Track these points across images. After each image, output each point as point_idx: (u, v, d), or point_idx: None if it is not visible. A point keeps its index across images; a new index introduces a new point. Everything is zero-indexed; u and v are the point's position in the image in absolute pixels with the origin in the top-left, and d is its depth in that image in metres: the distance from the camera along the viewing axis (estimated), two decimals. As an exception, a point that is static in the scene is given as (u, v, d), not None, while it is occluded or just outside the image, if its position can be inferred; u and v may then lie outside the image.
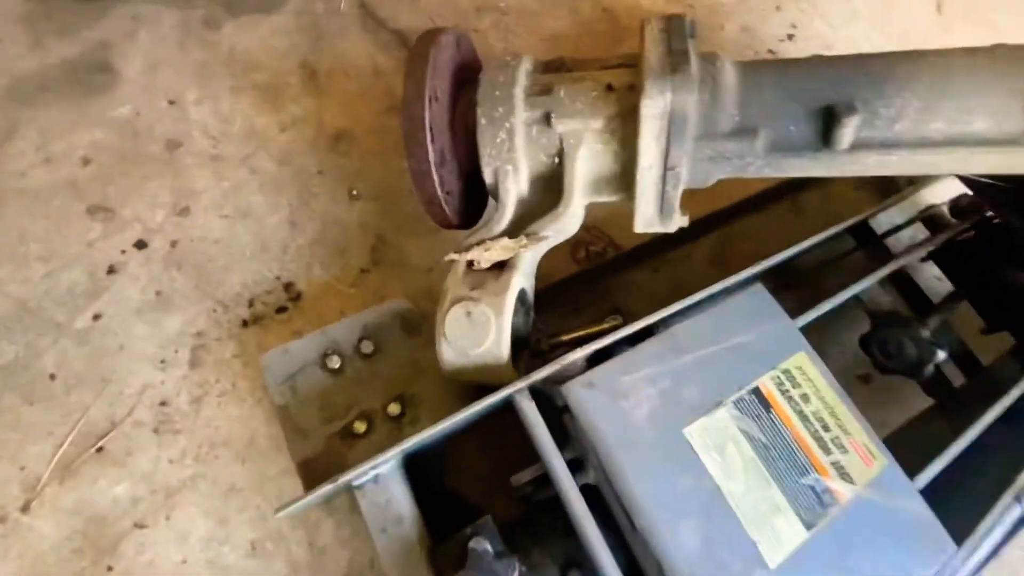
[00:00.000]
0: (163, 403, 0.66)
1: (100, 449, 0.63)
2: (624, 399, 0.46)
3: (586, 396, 0.46)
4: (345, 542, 0.61)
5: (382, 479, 0.47)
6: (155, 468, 0.63)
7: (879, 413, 0.56)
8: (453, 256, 0.52)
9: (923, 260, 0.72)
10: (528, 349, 0.54)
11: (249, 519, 0.62)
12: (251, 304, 0.73)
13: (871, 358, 0.65)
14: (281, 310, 0.73)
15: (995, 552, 0.53)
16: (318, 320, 0.71)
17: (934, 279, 0.76)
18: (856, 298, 0.67)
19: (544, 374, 0.46)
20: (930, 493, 0.50)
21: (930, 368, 0.61)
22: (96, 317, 0.70)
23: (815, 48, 1.16)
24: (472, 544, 0.41)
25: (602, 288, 0.67)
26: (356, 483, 0.47)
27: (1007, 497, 0.53)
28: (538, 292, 0.58)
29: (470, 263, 0.52)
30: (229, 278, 0.74)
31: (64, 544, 0.59)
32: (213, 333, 0.70)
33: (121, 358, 0.68)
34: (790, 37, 1.15)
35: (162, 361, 0.68)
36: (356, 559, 0.60)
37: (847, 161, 0.47)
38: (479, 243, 0.51)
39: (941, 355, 0.60)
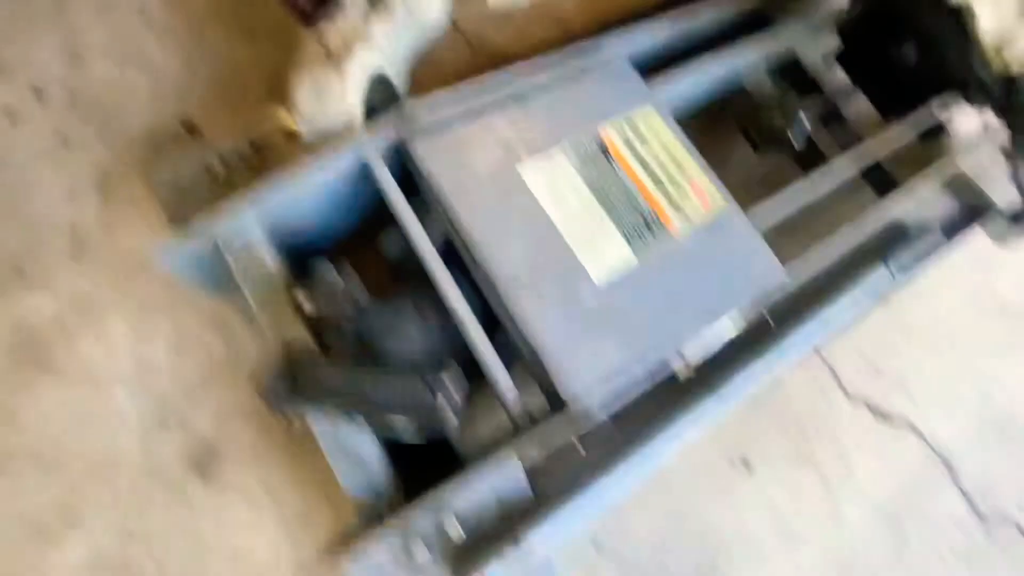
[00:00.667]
0: (77, 232, 0.70)
1: (22, 273, 0.68)
2: (464, 145, 0.49)
3: (425, 146, 0.48)
4: (256, 339, 0.66)
5: (245, 234, 0.49)
6: (75, 288, 0.68)
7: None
8: (312, 42, 0.53)
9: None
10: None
11: (169, 328, 0.67)
12: (153, 143, 0.74)
13: (747, 139, 0.67)
14: (184, 148, 0.74)
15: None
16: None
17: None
18: (743, 89, 0.68)
19: (386, 128, 0.48)
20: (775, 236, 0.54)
21: (799, 138, 0.63)
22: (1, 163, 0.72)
23: None
24: (320, 268, 0.45)
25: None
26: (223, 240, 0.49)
27: (845, 234, 0.57)
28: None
29: (328, 47, 0.52)
30: (130, 121, 0.76)
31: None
32: (119, 171, 0.73)
33: (32, 196, 0.71)
34: None
35: (72, 197, 0.71)
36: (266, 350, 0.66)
37: None
38: (332, 30, 0.52)
39: (805, 122, 0.61)
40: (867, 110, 0.75)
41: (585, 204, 0.49)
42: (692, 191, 0.52)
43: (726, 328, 0.65)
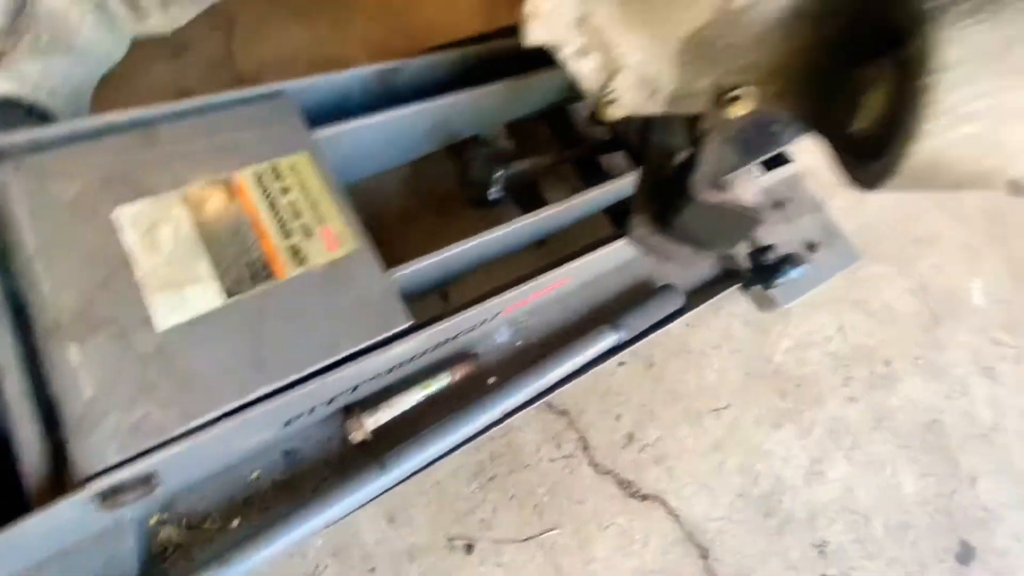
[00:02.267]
0: None
1: None
2: (61, 181, 0.46)
3: (13, 180, 0.45)
4: None
5: None
6: None
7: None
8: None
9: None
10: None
11: None
12: None
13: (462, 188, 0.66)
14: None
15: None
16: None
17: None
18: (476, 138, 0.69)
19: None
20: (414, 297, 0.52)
21: (492, 191, 0.62)
22: None
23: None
24: None
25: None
26: None
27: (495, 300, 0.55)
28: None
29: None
30: None
31: None
32: None
33: None
34: None
35: None
36: None
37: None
38: None
39: (498, 173, 0.60)
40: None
41: (183, 250, 0.45)
42: (322, 237, 0.49)
43: (428, 386, 0.61)
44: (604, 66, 0.42)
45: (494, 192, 0.61)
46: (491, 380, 0.65)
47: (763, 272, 0.68)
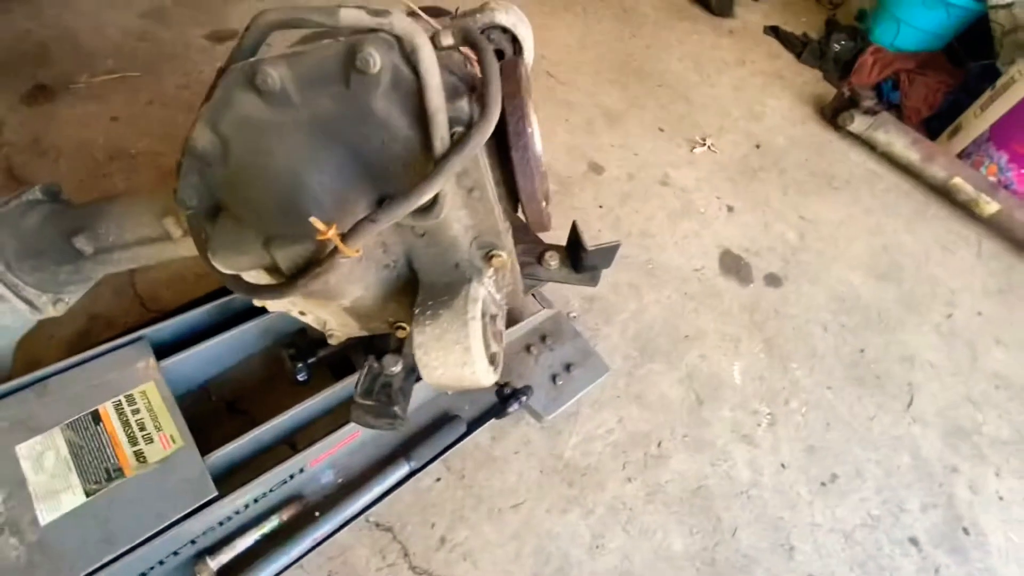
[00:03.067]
0: None
1: None
2: (-21, 433, 0.71)
3: (-54, 435, 0.70)
4: None
5: None
6: None
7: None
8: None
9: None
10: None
11: None
12: None
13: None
14: None
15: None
16: None
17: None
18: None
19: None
20: (227, 466, 0.76)
21: (299, 376, 0.89)
22: None
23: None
24: None
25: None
26: None
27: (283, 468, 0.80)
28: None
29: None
30: None
31: None
32: None
33: None
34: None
35: None
36: None
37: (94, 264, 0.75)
38: None
39: (299, 364, 0.88)
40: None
41: (60, 466, 0.70)
42: (160, 440, 0.74)
43: (263, 527, 0.83)
44: (317, 320, 0.71)
45: (300, 376, 0.88)
46: (317, 514, 0.88)
47: (504, 403, 0.95)
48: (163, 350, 0.84)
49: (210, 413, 0.94)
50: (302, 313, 0.71)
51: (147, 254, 0.73)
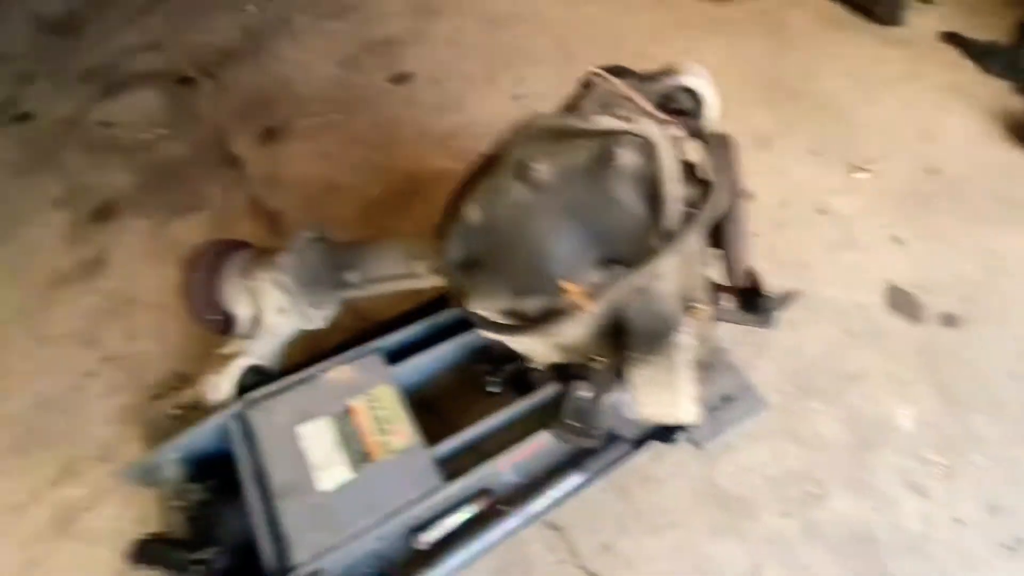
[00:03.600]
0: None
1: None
2: (274, 415, 0.94)
3: (255, 415, 0.94)
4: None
5: (167, 460, 0.96)
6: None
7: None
8: (213, 352, 1.04)
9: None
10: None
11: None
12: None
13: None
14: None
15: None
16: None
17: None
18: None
19: (236, 406, 0.95)
20: (450, 459, 0.93)
21: (492, 387, 1.03)
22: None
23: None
24: (190, 486, 0.88)
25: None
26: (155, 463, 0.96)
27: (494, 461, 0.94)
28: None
29: (220, 354, 1.03)
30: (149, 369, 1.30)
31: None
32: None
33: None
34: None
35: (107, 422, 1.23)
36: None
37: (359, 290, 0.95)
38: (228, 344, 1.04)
39: (495, 376, 1.03)
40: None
41: (330, 446, 0.91)
42: (397, 434, 0.93)
43: (459, 515, 1.00)
44: (526, 348, 0.84)
45: (494, 389, 1.03)
46: (500, 508, 1.02)
47: (670, 430, 1.02)
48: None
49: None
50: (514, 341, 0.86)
51: (395, 286, 0.92)
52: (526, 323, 0.68)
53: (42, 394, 1.28)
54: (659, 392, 0.65)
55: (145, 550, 0.80)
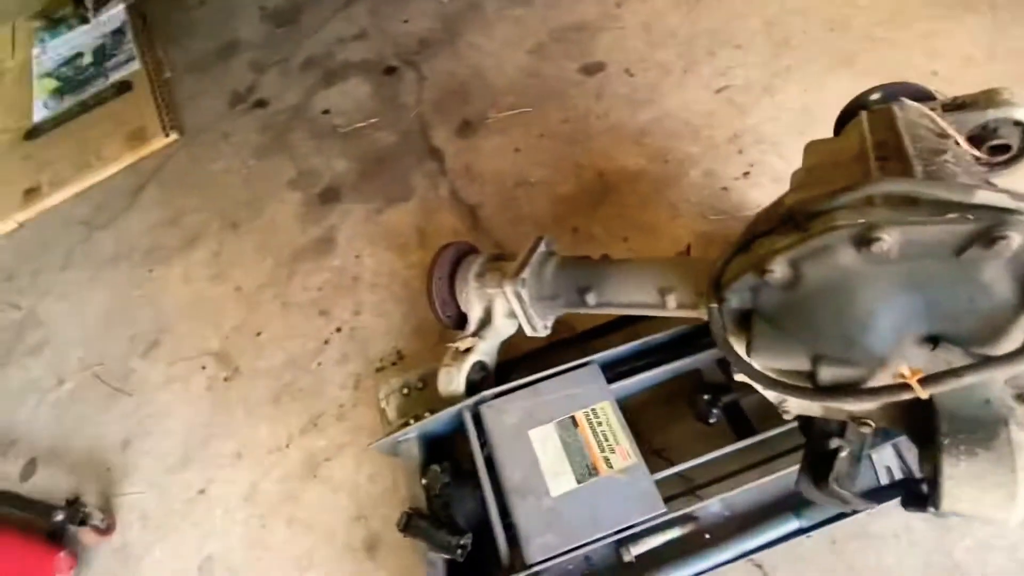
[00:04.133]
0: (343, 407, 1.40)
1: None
2: (505, 414, 1.02)
3: (487, 411, 1.03)
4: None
5: (414, 439, 1.09)
6: (335, 437, 1.37)
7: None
8: (448, 346, 1.15)
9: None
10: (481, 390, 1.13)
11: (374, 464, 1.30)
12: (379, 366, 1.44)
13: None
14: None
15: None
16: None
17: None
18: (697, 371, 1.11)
19: (472, 400, 1.05)
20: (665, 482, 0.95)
21: (712, 417, 1.02)
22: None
23: (768, 181, 1.52)
24: (433, 468, 1.01)
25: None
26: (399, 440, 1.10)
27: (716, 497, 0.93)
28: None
29: (456, 349, 1.14)
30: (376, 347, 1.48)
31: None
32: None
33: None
34: (746, 175, 1.54)
35: (343, 387, 1.44)
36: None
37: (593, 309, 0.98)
38: (459, 340, 1.14)
39: (716, 406, 1.01)
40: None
41: (557, 454, 0.97)
42: (619, 452, 0.96)
43: (665, 534, 1.02)
44: (776, 399, 0.81)
45: (713, 417, 1.02)
46: (707, 536, 1.02)
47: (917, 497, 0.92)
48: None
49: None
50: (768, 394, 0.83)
51: (636, 311, 0.94)
52: (817, 389, 0.64)
53: (290, 353, 1.53)
54: (985, 492, 0.59)
55: (411, 524, 0.93)
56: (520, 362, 1.22)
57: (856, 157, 0.75)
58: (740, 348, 0.73)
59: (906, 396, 0.57)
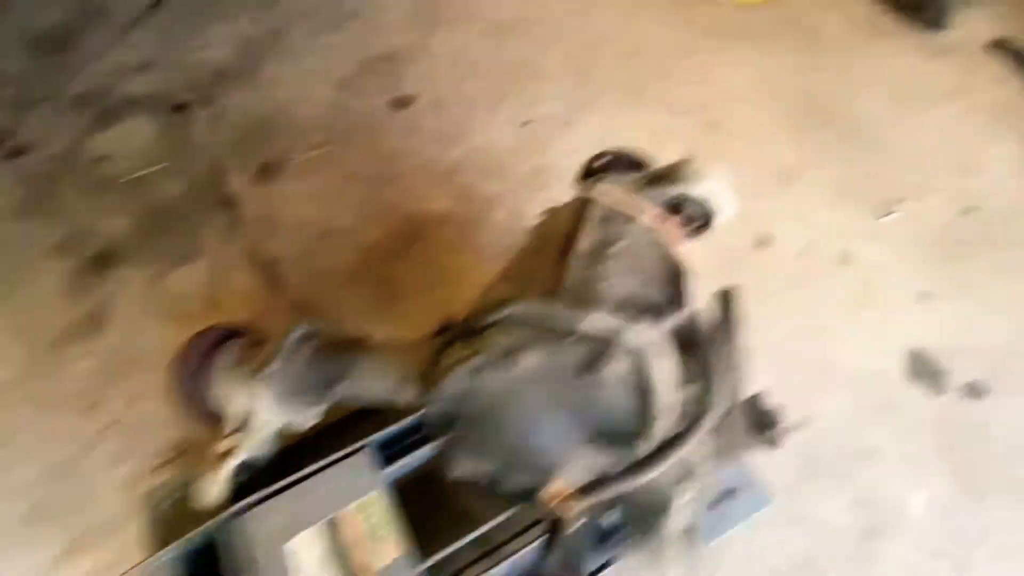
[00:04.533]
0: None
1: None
2: (266, 523, 0.94)
3: (246, 523, 0.94)
4: None
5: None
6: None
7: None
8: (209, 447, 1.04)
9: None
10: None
11: None
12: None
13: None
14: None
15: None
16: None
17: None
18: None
19: (227, 513, 0.95)
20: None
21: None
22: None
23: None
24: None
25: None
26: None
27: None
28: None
29: (215, 452, 1.03)
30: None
31: None
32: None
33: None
34: (546, 215, 1.58)
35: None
36: None
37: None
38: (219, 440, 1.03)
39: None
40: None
41: (319, 564, 0.91)
42: (384, 550, 0.92)
43: None
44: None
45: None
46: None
47: None
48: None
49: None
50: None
51: (377, 400, 0.89)
52: (509, 496, 0.65)
53: (47, 462, 1.31)
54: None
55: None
56: (301, 447, 1.13)
57: (554, 244, 0.76)
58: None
59: (566, 511, 0.59)
